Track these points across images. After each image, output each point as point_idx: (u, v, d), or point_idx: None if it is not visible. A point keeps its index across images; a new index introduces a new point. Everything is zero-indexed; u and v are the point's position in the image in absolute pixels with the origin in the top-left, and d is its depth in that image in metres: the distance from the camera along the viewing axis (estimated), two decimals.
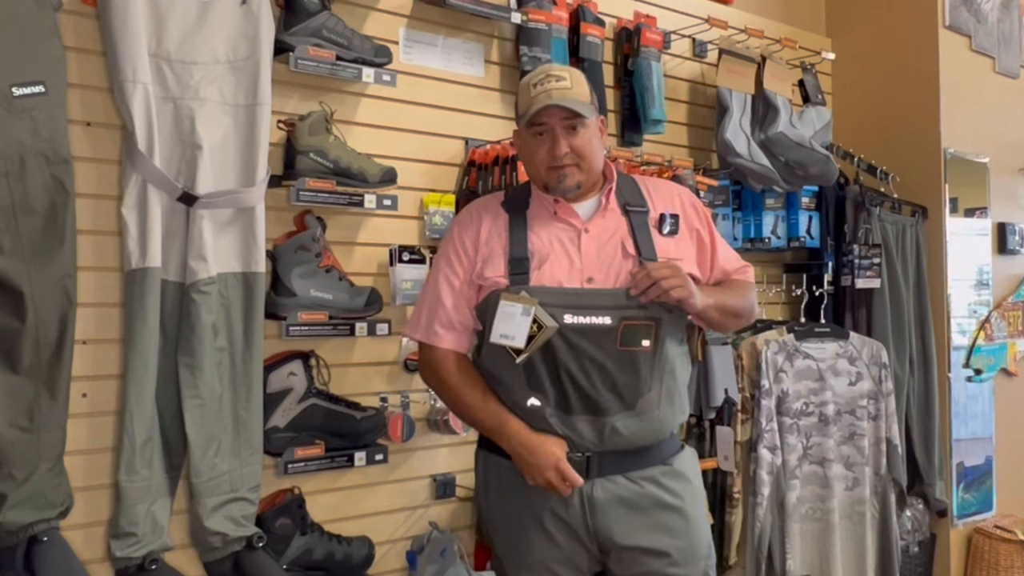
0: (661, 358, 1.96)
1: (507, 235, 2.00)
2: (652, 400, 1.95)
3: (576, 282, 1.94)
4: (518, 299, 1.90)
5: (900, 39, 3.73)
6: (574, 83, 1.96)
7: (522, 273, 1.95)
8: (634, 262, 1.95)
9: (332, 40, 2.32)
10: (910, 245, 3.57)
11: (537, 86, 1.95)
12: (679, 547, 1.97)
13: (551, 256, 1.96)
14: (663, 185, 2.17)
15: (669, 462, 2.01)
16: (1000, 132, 3.97)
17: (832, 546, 3.12)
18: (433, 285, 2.05)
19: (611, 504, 1.94)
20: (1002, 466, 3.89)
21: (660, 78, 3.06)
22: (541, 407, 1.93)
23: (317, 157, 2.29)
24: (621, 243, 1.98)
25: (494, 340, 1.90)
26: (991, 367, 3.88)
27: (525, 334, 1.88)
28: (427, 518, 2.57)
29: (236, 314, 2.16)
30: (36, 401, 1.87)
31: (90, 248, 2.05)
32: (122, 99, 2.03)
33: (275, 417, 2.26)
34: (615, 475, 1.95)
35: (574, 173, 1.97)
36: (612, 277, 1.95)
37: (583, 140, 1.96)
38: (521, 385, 1.94)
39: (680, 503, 1.99)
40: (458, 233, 2.06)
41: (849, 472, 3.18)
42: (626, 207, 2.03)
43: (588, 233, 1.99)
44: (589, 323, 1.91)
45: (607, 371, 1.91)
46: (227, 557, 2.13)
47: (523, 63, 2.72)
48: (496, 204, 2.08)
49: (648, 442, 1.98)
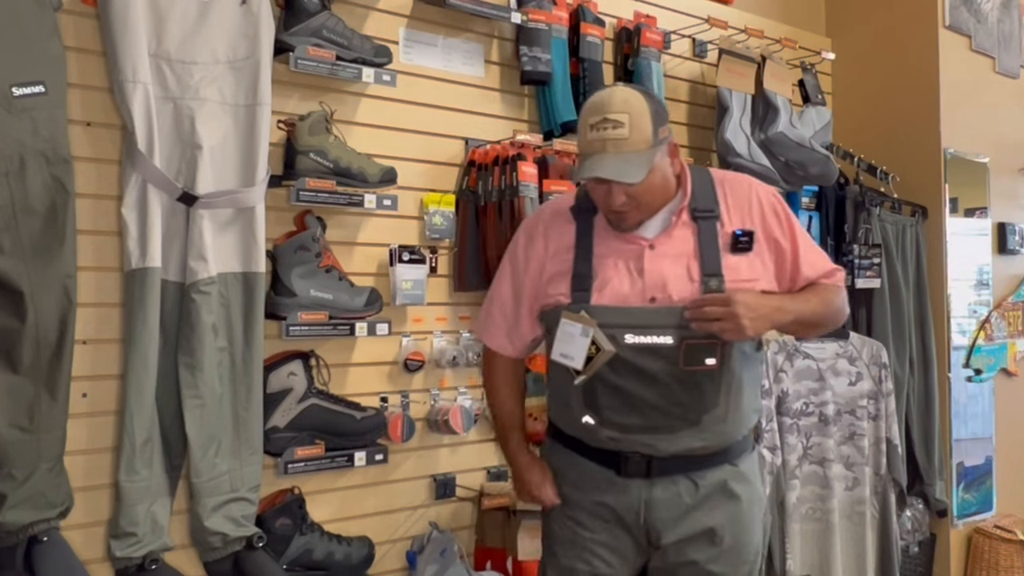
0: (728, 375, 1.91)
1: (572, 249, 1.97)
2: (718, 416, 1.92)
3: (638, 301, 1.89)
4: (578, 319, 1.88)
5: (900, 39, 3.73)
6: (632, 128, 1.82)
7: (584, 290, 1.92)
8: (699, 285, 1.89)
9: (332, 40, 2.32)
10: (910, 245, 3.57)
11: (593, 129, 1.84)
12: (726, 545, 1.94)
13: (614, 275, 1.92)
14: (741, 186, 2.03)
15: (736, 463, 1.98)
16: (1000, 132, 3.97)
17: (832, 546, 3.12)
18: (497, 286, 2.12)
19: (668, 505, 1.93)
20: (1002, 466, 3.89)
21: (660, 78, 3.06)
22: (596, 426, 1.93)
23: (317, 157, 2.29)
24: (687, 265, 1.91)
25: (554, 358, 1.90)
26: (991, 367, 3.88)
27: (584, 355, 1.86)
28: (427, 518, 2.57)
29: (236, 314, 2.16)
30: (36, 401, 1.87)
31: (90, 248, 2.05)
32: (122, 99, 2.03)
33: (275, 417, 2.26)
34: (677, 475, 1.93)
35: (633, 215, 1.91)
36: (676, 298, 1.89)
37: (642, 188, 1.86)
38: (579, 402, 1.93)
39: (737, 503, 1.96)
40: (525, 242, 2.06)
41: (849, 472, 3.18)
42: (695, 213, 1.95)
43: (653, 250, 1.93)
44: (650, 343, 1.87)
45: (670, 391, 1.88)
46: (227, 557, 2.13)
47: (523, 63, 2.71)
48: (565, 210, 2.03)
49: (714, 451, 1.95)
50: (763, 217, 1.98)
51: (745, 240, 1.93)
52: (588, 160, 1.85)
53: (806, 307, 1.97)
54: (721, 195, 1.98)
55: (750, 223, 1.97)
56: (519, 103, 2.84)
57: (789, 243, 1.99)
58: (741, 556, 1.98)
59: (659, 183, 1.90)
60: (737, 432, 1.97)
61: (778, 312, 1.90)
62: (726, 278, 1.89)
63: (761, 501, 2.06)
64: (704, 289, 1.88)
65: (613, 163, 1.82)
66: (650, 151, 1.85)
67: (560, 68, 2.78)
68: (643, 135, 1.84)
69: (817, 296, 2.00)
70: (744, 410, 1.97)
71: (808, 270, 2.00)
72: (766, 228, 1.97)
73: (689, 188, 1.97)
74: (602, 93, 1.90)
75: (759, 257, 1.95)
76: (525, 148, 2.63)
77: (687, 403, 1.89)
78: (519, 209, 2.52)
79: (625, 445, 1.92)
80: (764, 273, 1.95)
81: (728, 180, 2.03)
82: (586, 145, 1.87)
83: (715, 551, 1.94)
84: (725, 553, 1.95)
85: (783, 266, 1.99)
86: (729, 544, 1.95)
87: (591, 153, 1.85)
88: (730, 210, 1.97)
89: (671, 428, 1.90)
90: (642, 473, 1.92)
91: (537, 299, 2.02)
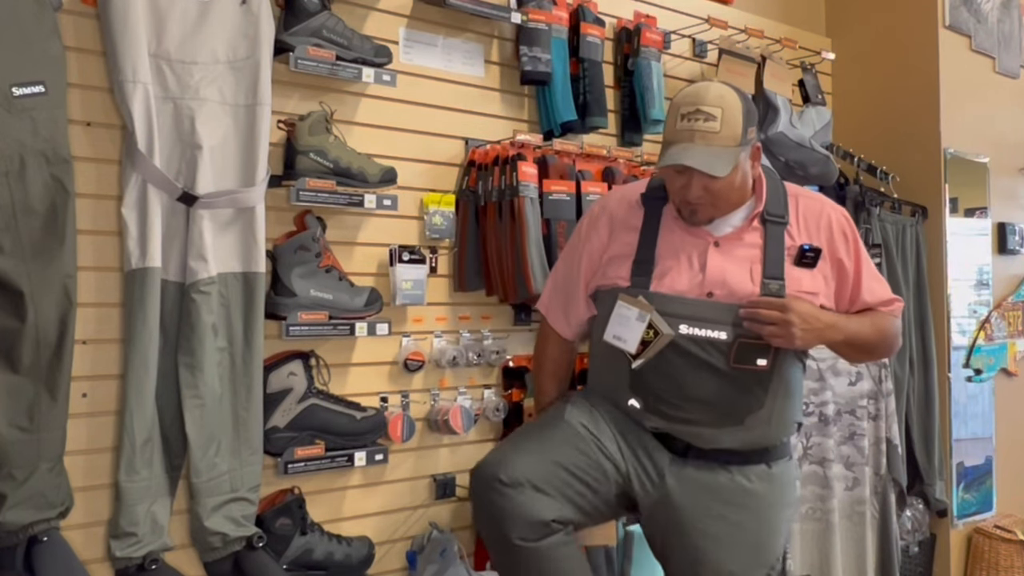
0: (777, 378, 1.93)
1: (637, 234, 1.99)
2: (762, 417, 1.93)
3: (696, 294, 1.91)
4: (635, 303, 1.89)
5: (900, 39, 3.73)
6: (724, 123, 1.84)
7: (644, 276, 1.93)
8: (759, 288, 1.91)
9: (332, 40, 2.32)
10: (910, 245, 3.57)
11: (684, 119, 1.85)
12: (743, 546, 1.94)
13: (675, 265, 1.93)
14: (814, 203, 2.05)
15: (771, 465, 1.98)
16: (1000, 132, 3.97)
17: (832, 546, 3.12)
18: (558, 263, 2.20)
19: (696, 489, 1.93)
20: (1002, 466, 3.89)
21: (660, 78, 3.06)
22: (641, 410, 1.94)
23: (317, 157, 2.29)
24: (750, 267, 1.93)
25: (607, 339, 1.92)
26: (991, 367, 3.88)
27: (638, 339, 1.88)
28: (427, 518, 2.57)
29: (236, 314, 2.16)
30: (36, 401, 1.87)
31: (90, 248, 2.05)
32: (122, 99, 2.03)
33: (275, 417, 2.26)
34: (713, 464, 1.94)
35: (707, 211, 1.93)
36: (734, 297, 1.90)
37: (721, 184, 1.87)
38: (624, 385, 1.95)
39: (763, 501, 1.96)
40: (590, 222, 2.10)
41: (849, 472, 3.18)
42: (766, 219, 1.97)
43: (718, 248, 1.94)
44: (704, 336, 1.88)
45: (718, 386, 1.89)
46: (227, 557, 2.13)
47: (523, 63, 2.71)
48: (635, 196, 2.05)
49: (752, 449, 1.96)
50: (831, 237, 2.00)
51: (811, 255, 1.95)
52: (673, 148, 1.86)
53: (860, 330, 1.98)
54: (793, 207, 2.00)
55: (818, 240, 1.99)
56: (519, 103, 2.84)
57: (853, 266, 2.01)
58: (760, 557, 1.97)
59: (738, 183, 1.92)
60: (776, 437, 1.98)
61: (831, 329, 1.92)
62: (787, 287, 1.91)
63: (790, 508, 2.06)
64: (764, 291, 1.90)
65: (700, 154, 1.83)
66: (737, 149, 1.86)
67: (560, 68, 2.78)
68: (733, 132, 1.85)
69: (872, 322, 2.02)
70: (787, 417, 1.98)
71: (868, 296, 2.02)
72: (832, 248, 1.99)
73: (764, 194, 1.98)
74: (698, 86, 1.92)
75: (821, 274, 1.97)
76: (525, 148, 2.63)
77: (733, 400, 1.90)
78: (519, 209, 2.52)
79: (667, 432, 1.94)
80: (824, 290, 1.97)
81: (802, 196, 2.06)
82: (674, 134, 1.87)
83: (725, 555, 1.93)
84: (735, 558, 1.94)
85: (844, 288, 2.01)
86: (751, 543, 1.95)
87: (678, 142, 1.86)
88: (799, 224, 1.99)
89: (714, 423, 1.91)
90: (679, 452, 1.93)
91: (594, 279, 2.05)
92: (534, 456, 1.90)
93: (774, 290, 1.90)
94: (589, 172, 2.77)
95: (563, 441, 1.93)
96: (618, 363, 1.94)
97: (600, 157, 2.82)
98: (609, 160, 2.85)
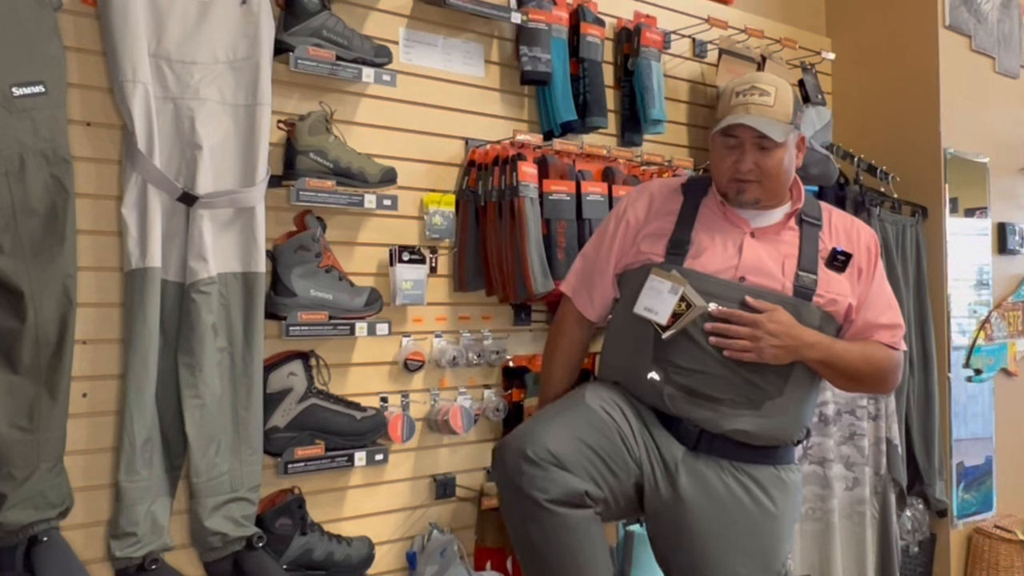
0: (797, 369, 1.96)
1: (675, 217, 2.03)
2: (780, 405, 1.95)
3: (730, 276, 1.95)
4: (668, 276, 1.93)
5: (900, 39, 3.73)
6: (777, 100, 1.94)
7: (679, 255, 1.97)
8: (791, 281, 1.95)
9: (332, 40, 2.32)
10: (910, 245, 3.56)
11: (739, 95, 1.94)
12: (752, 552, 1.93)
13: (710, 247, 1.98)
14: (845, 218, 2.12)
15: (780, 469, 1.99)
16: (1000, 132, 3.97)
17: (832, 546, 3.12)
18: (590, 241, 2.21)
19: (708, 491, 1.92)
20: (1002, 466, 3.89)
21: (660, 78, 3.06)
22: (660, 382, 1.94)
23: (317, 157, 2.29)
24: (783, 261, 1.98)
25: (637, 311, 1.94)
26: (991, 367, 3.88)
27: (669, 312, 1.91)
28: (427, 518, 2.57)
29: (236, 314, 2.16)
30: (36, 401, 1.87)
31: (90, 248, 2.05)
32: (122, 99, 2.02)
33: (275, 417, 2.26)
34: (723, 459, 1.94)
35: (754, 189, 1.98)
36: (766, 285, 1.95)
37: (772, 160, 1.95)
38: (646, 358, 1.95)
39: (772, 511, 1.96)
40: (627, 203, 2.13)
41: (849, 472, 3.18)
42: (803, 218, 2.03)
43: (754, 239, 1.99)
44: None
45: (741, 366, 1.91)
46: (227, 557, 2.13)
47: (523, 63, 2.71)
48: (676, 184, 2.12)
49: (765, 443, 1.96)
50: (857, 249, 2.05)
51: (843, 259, 2.01)
52: (729, 117, 1.93)
53: (844, 355, 1.98)
54: (826, 217, 2.07)
55: (847, 249, 2.04)
56: (519, 103, 2.84)
57: (869, 280, 2.05)
58: (768, 564, 1.97)
59: (785, 166, 1.98)
60: (789, 432, 1.99)
61: (808, 348, 1.93)
62: (818, 285, 1.96)
63: (795, 516, 2.06)
64: (797, 283, 1.95)
65: (756, 120, 1.91)
66: (789, 126, 1.96)
67: (560, 68, 2.78)
68: (785, 109, 1.96)
69: (862, 350, 2.01)
70: (802, 411, 2.01)
71: (872, 313, 2.04)
72: (857, 259, 2.04)
73: (802, 199, 2.05)
74: (751, 72, 2.04)
75: (848, 280, 2.02)
76: (525, 148, 2.63)
77: (752, 383, 1.92)
78: (519, 209, 2.52)
79: (683, 410, 1.93)
80: (850, 294, 2.02)
81: (835, 211, 2.14)
82: (728, 109, 1.95)
83: (732, 560, 1.92)
84: (750, 554, 1.94)
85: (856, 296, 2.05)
86: (760, 549, 1.95)
87: (733, 113, 1.93)
88: (831, 231, 2.05)
89: (731, 403, 1.92)
90: (690, 442, 1.94)
91: (625, 256, 2.08)
92: (562, 432, 1.86)
93: (807, 284, 1.96)
94: (589, 172, 2.77)
95: (587, 423, 1.91)
96: (643, 336, 1.96)
97: (600, 157, 2.83)
98: (609, 160, 2.85)
